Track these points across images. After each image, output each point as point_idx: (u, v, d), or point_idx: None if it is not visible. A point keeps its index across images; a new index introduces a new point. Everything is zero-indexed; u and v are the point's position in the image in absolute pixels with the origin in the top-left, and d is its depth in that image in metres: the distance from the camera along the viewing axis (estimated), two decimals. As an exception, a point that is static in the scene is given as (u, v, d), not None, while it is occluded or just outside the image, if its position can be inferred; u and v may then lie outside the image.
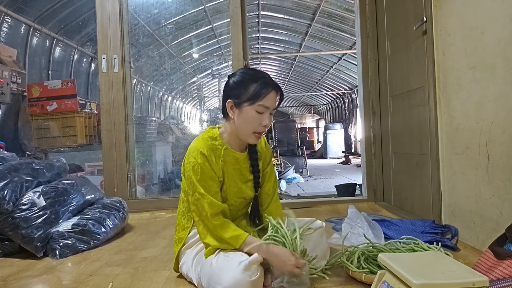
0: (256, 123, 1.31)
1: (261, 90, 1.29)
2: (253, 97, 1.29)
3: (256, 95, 1.29)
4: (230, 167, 1.39)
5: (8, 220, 1.79)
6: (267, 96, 1.29)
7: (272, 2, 8.95)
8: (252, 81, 1.31)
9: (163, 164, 4.42)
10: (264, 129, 1.34)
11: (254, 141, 1.36)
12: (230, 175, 1.39)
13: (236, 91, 1.33)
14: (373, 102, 2.93)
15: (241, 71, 1.37)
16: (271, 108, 1.32)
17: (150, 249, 1.92)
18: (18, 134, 3.91)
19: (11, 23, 4.76)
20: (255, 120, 1.31)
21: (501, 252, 1.17)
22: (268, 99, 1.30)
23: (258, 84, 1.30)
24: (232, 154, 1.39)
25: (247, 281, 1.14)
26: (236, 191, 1.41)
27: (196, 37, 8.82)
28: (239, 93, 1.32)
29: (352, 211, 1.87)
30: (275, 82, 1.35)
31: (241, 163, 1.42)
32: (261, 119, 1.31)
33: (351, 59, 11.26)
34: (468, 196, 1.72)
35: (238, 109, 1.32)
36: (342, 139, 14.54)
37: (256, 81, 1.31)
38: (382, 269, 1.12)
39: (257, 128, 1.32)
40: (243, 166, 1.43)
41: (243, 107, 1.31)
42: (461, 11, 1.74)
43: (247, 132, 1.34)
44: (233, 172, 1.40)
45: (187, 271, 1.38)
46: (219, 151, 1.36)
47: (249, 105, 1.30)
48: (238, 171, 1.42)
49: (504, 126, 1.46)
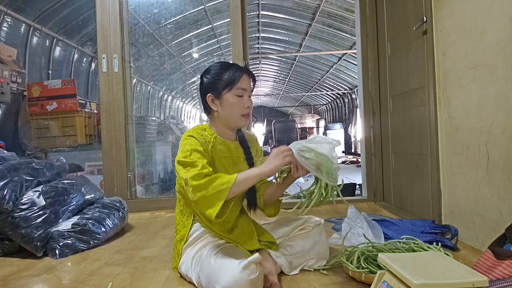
0: (240, 106, 1.39)
1: (234, 74, 1.38)
2: (230, 83, 1.37)
3: (231, 81, 1.37)
4: (221, 155, 1.42)
5: (8, 219, 1.79)
6: (241, 78, 1.38)
7: (272, 2, 8.95)
8: (224, 70, 1.40)
9: (163, 164, 4.42)
10: (248, 110, 1.41)
11: (244, 123, 1.43)
12: (220, 163, 1.41)
13: (212, 83, 1.40)
14: (373, 102, 2.93)
15: (212, 66, 1.45)
16: (248, 90, 1.41)
17: (150, 248, 1.92)
18: (18, 134, 3.91)
19: (11, 22, 4.75)
20: (238, 104, 1.38)
21: (501, 252, 1.17)
22: (243, 81, 1.39)
23: (230, 70, 1.39)
24: (223, 142, 1.44)
25: (246, 279, 1.14)
26: None
27: (196, 37, 8.82)
28: (215, 84, 1.39)
29: (352, 211, 1.87)
30: (245, 67, 1.45)
31: (232, 152, 1.46)
32: (243, 102, 1.39)
33: (351, 59, 11.27)
34: (468, 196, 1.72)
35: (219, 100, 1.39)
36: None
37: (227, 69, 1.39)
38: (382, 269, 1.12)
39: (242, 111, 1.40)
40: (235, 155, 1.46)
41: (223, 95, 1.38)
42: (461, 11, 1.74)
43: (235, 116, 1.40)
44: (224, 161, 1.42)
45: (187, 270, 1.38)
46: (209, 139, 1.40)
47: (228, 91, 1.38)
48: (230, 159, 1.44)
49: (504, 126, 1.46)
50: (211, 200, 1.21)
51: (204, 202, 1.22)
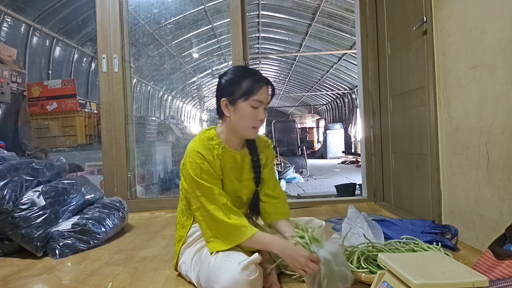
0: (252, 118, 1.33)
1: (254, 85, 1.32)
2: (247, 93, 1.32)
3: (249, 91, 1.31)
4: (228, 166, 1.39)
5: (8, 219, 1.79)
6: (260, 90, 1.32)
7: (272, 2, 8.95)
8: (244, 78, 1.34)
9: (163, 164, 4.42)
10: (261, 123, 1.36)
11: (253, 135, 1.39)
12: (227, 174, 1.39)
13: (229, 88, 1.35)
14: (373, 102, 2.93)
15: (232, 69, 1.40)
16: (265, 102, 1.35)
17: (150, 248, 1.92)
18: (18, 134, 3.91)
19: (11, 22, 4.76)
20: (251, 115, 1.33)
21: (501, 252, 1.17)
22: (261, 94, 1.33)
23: (250, 80, 1.33)
24: (230, 153, 1.40)
25: (245, 280, 1.13)
26: (232, 189, 1.41)
27: (196, 37, 8.82)
28: (232, 90, 1.34)
29: (352, 211, 1.87)
30: (266, 77, 1.38)
31: (238, 162, 1.42)
32: (257, 114, 1.33)
33: (351, 59, 11.26)
34: (468, 196, 1.72)
35: (233, 106, 1.34)
36: (342, 139, 14.55)
37: (248, 77, 1.34)
38: (382, 269, 1.12)
39: (254, 123, 1.35)
40: (240, 165, 1.43)
41: (238, 104, 1.33)
42: (461, 11, 1.74)
43: (246, 127, 1.35)
44: (229, 171, 1.40)
45: (186, 271, 1.38)
46: (217, 150, 1.37)
47: (244, 101, 1.32)
48: (235, 169, 1.42)
49: (504, 126, 1.46)
50: (219, 233, 1.28)
51: (211, 232, 1.29)
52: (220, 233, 1.27)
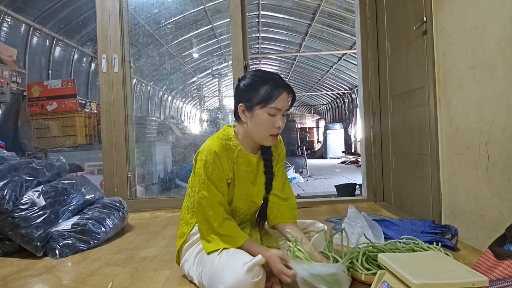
0: (269, 125, 1.29)
1: (272, 92, 1.27)
2: (264, 100, 1.27)
3: (267, 98, 1.27)
4: (242, 169, 1.37)
5: (8, 219, 1.79)
6: (278, 98, 1.27)
7: (272, 2, 8.95)
8: (262, 83, 1.29)
9: (163, 164, 4.42)
10: (278, 131, 1.32)
11: (270, 143, 1.35)
12: (241, 177, 1.37)
13: (247, 94, 1.31)
14: (373, 102, 2.93)
15: (251, 74, 1.36)
16: (283, 109, 1.30)
17: (150, 248, 1.92)
18: (18, 134, 3.92)
19: (11, 22, 4.76)
20: (268, 123, 1.29)
21: (501, 252, 1.17)
22: (280, 101, 1.28)
23: (269, 86, 1.28)
24: (246, 156, 1.38)
25: (249, 282, 1.13)
26: (245, 194, 1.39)
27: (196, 37, 8.82)
28: (250, 96, 1.30)
29: (352, 211, 1.87)
30: (286, 83, 1.33)
31: (253, 165, 1.40)
32: (274, 121, 1.29)
33: (351, 59, 11.26)
34: (468, 196, 1.72)
35: (250, 112, 1.31)
36: (342, 139, 14.54)
37: (266, 83, 1.29)
38: (382, 269, 1.12)
39: (271, 131, 1.30)
40: (255, 168, 1.41)
41: (255, 110, 1.29)
42: (461, 11, 1.74)
43: (262, 135, 1.32)
44: (244, 175, 1.38)
45: (189, 269, 1.38)
46: (233, 152, 1.35)
47: (261, 108, 1.28)
48: (250, 173, 1.40)
49: (504, 126, 1.46)
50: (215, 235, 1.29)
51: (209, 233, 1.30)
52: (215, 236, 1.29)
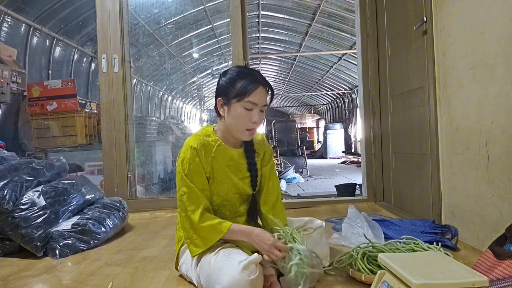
0: (246, 120, 1.31)
1: (247, 86, 1.29)
2: (240, 94, 1.29)
3: (243, 92, 1.29)
4: (223, 163, 1.39)
5: (8, 219, 1.79)
6: (254, 92, 1.29)
7: (272, 2, 8.95)
8: (240, 78, 1.32)
9: (163, 164, 4.42)
10: (255, 126, 1.33)
11: (246, 137, 1.37)
12: (223, 171, 1.38)
13: (225, 88, 1.34)
14: (373, 102, 2.93)
15: (232, 69, 1.38)
16: (260, 104, 1.31)
17: (150, 248, 1.92)
18: (18, 134, 3.91)
19: (11, 22, 4.75)
20: (244, 117, 1.31)
21: (501, 252, 1.17)
22: (256, 95, 1.30)
23: (245, 80, 1.30)
24: (226, 151, 1.40)
25: (246, 280, 1.13)
26: (231, 186, 1.40)
27: (196, 37, 8.82)
28: (227, 90, 1.33)
29: (352, 211, 1.87)
30: (265, 79, 1.35)
31: (236, 160, 1.41)
32: (250, 116, 1.31)
33: (351, 59, 11.27)
34: (468, 196, 1.72)
35: (227, 106, 1.33)
36: (342, 139, 14.55)
37: (243, 78, 1.31)
38: (382, 269, 1.12)
39: (247, 125, 1.32)
40: (239, 163, 1.42)
41: (232, 104, 1.31)
42: (461, 11, 1.74)
43: (239, 129, 1.34)
44: (227, 169, 1.39)
45: (187, 271, 1.38)
46: (211, 147, 1.37)
47: (237, 102, 1.30)
48: (234, 167, 1.41)
49: (504, 126, 1.46)
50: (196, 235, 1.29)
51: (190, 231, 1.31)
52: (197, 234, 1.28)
